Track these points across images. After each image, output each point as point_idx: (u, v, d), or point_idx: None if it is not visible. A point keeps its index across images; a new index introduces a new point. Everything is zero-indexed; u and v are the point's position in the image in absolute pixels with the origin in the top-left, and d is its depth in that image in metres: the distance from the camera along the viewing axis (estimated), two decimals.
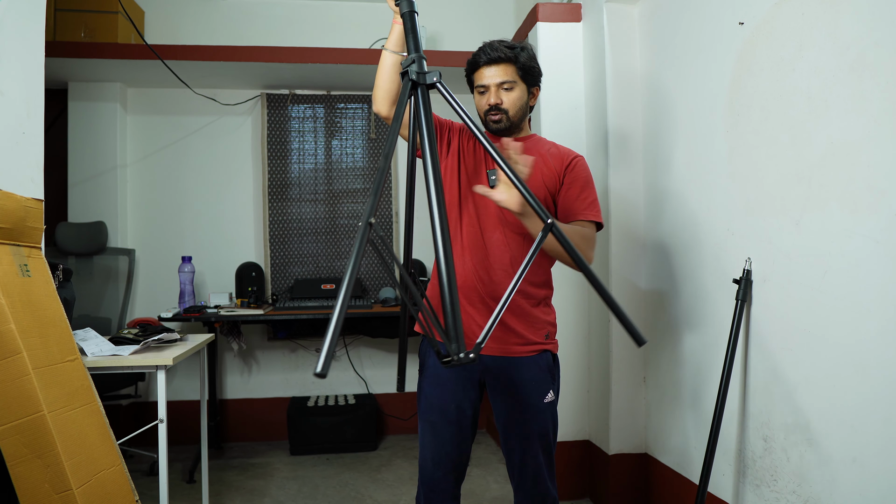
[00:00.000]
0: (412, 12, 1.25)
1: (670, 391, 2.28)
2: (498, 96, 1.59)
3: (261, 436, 3.60)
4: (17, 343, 1.29)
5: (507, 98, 1.59)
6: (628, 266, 2.48)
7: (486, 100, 1.60)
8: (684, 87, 2.16)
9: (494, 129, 1.62)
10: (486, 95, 1.60)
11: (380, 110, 1.61)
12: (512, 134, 1.65)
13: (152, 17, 3.56)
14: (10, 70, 1.66)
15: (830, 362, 1.49)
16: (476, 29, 3.65)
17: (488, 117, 1.61)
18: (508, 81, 1.58)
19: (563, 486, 2.65)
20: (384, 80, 1.57)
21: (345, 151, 3.71)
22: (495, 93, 1.59)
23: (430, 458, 1.61)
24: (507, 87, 1.59)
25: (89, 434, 1.43)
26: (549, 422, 1.63)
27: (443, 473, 1.59)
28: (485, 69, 1.59)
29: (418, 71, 1.09)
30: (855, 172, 1.41)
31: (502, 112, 1.59)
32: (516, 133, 1.66)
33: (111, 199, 3.42)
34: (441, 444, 1.58)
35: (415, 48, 1.15)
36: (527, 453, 1.59)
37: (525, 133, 1.69)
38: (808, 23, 1.55)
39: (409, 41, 1.18)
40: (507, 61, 1.58)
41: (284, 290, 3.57)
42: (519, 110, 1.62)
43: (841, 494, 1.45)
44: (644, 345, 1.18)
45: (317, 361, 0.70)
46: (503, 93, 1.59)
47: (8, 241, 1.41)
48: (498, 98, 1.59)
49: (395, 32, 1.53)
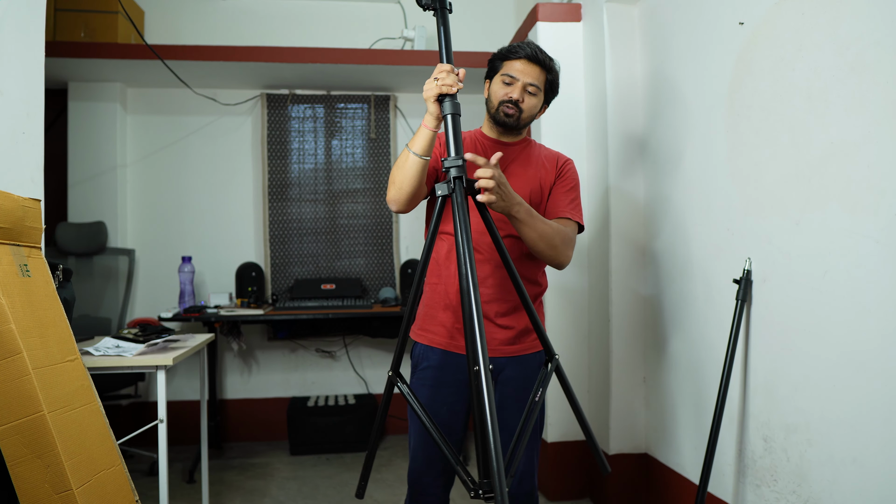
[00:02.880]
0: (456, 115, 1.30)
1: (670, 391, 2.28)
2: (521, 94, 1.59)
3: (261, 436, 3.60)
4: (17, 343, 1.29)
5: (528, 101, 1.60)
6: (628, 266, 2.48)
7: (508, 91, 1.60)
8: (684, 87, 2.15)
9: (503, 120, 1.62)
10: (512, 87, 1.59)
11: (399, 210, 1.53)
12: (512, 134, 1.66)
13: (152, 17, 3.56)
14: (10, 70, 1.66)
15: (830, 362, 1.49)
16: (476, 29, 3.65)
17: (502, 107, 1.61)
18: (535, 86, 1.60)
19: (563, 486, 2.66)
20: (408, 184, 1.47)
21: (345, 151, 3.71)
22: (520, 90, 1.59)
23: (420, 461, 1.60)
24: (531, 90, 1.60)
25: (89, 434, 1.43)
26: (538, 421, 1.65)
27: (432, 478, 1.59)
28: (520, 63, 1.59)
29: (459, 176, 1.23)
30: (855, 172, 1.41)
31: (518, 110, 1.60)
32: (515, 135, 1.67)
33: (111, 199, 3.42)
34: (431, 446, 1.57)
35: (455, 151, 1.26)
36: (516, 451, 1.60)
37: (521, 137, 1.70)
38: (808, 23, 1.54)
39: (450, 144, 1.27)
40: (543, 67, 1.60)
41: (284, 290, 3.57)
42: (530, 117, 1.64)
43: (841, 494, 1.45)
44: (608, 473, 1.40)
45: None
46: (526, 94, 1.60)
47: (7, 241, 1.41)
48: (521, 96, 1.59)
49: (424, 137, 1.42)
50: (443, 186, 1.24)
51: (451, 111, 1.29)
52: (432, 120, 1.39)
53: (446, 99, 1.31)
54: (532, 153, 1.67)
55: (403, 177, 1.47)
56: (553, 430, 2.64)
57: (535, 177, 1.63)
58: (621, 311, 2.47)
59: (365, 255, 3.70)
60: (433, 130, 1.40)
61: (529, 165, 1.64)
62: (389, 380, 1.34)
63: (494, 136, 1.67)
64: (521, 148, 1.67)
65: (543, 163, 1.66)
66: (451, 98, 1.30)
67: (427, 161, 1.45)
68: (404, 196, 1.49)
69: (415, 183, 1.47)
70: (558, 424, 2.65)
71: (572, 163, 1.71)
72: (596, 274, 2.63)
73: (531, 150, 1.69)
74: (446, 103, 1.30)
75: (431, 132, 1.40)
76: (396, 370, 1.33)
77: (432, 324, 1.61)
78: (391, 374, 1.33)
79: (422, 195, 1.56)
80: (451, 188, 1.23)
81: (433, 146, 1.44)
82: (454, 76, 1.32)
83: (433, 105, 1.35)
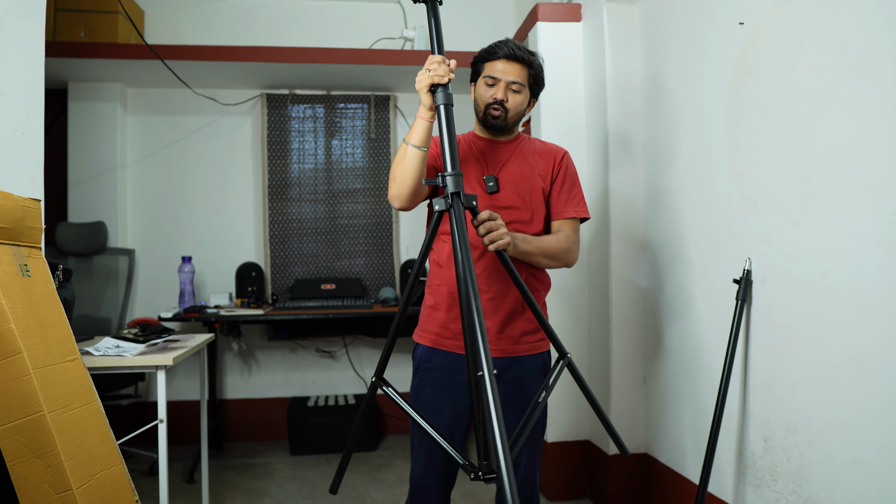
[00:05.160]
0: (449, 105, 1.30)
1: (670, 391, 2.28)
2: (505, 94, 1.59)
3: (261, 436, 3.60)
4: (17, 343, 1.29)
5: (513, 99, 1.61)
6: (628, 266, 2.48)
7: (492, 93, 1.60)
8: (684, 86, 2.15)
9: (492, 123, 1.62)
10: (495, 89, 1.60)
11: (403, 206, 1.53)
12: (504, 133, 1.67)
13: (152, 17, 3.56)
14: (10, 70, 1.66)
15: (830, 362, 1.49)
16: (476, 28, 3.65)
17: (489, 110, 1.61)
18: (518, 83, 1.59)
19: (563, 486, 2.65)
20: (409, 178, 1.47)
21: (345, 151, 3.71)
22: (504, 90, 1.59)
23: (421, 462, 1.60)
24: (515, 88, 1.60)
25: (89, 434, 1.43)
26: (541, 422, 1.66)
27: (433, 479, 1.59)
28: (500, 63, 1.59)
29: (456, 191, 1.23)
30: (855, 172, 1.41)
31: (504, 110, 1.60)
32: (507, 134, 1.68)
33: (111, 199, 3.42)
34: (432, 447, 1.57)
35: (452, 165, 1.25)
36: (520, 453, 1.60)
37: (514, 134, 1.70)
38: (808, 23, 1.54)
39: (447, 155, 1.26)
40: (523, 63, 1.60)
41: (284, 290, 3.57)
42: (518, 114, 1.64)
43: (841, 494, 1.45)
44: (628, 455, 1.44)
45: None
46: (510, 93, 1.60)
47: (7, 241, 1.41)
48: (505, 96, 1.59)
49: (421, 128, 1.43)
50: (440, 201, 1.24)
51: (443, 101, 1.31)
52: (426, 111, 1.41)
53: (438, 89, 1.33)
54: (525, 149, 1.68)
55: (404, 171, 1.47)
56: (553, 430, 2.64)
57: (532, 173, 1.64)
58: (621, 311, 2.47)
59: (365, 255, 3.70)
60: (429, 121, 1.42)
61: (525, 162, 1.65)
62: (372, 385, 1.35)
63: (487, 137, 1.68)
64: (514, 146, 1.68)
65: (539, 157, 1.67)
66: (443, 88, 1.32)
67: (426, 152, 1.46)
68: (406, 191, 1.49)
69: (416, 176, 1.47)
70: (558, 424, 2.65)
71: (568, 154, 1.72)
72: (596, 274, 2.63)
73: (525, 145, 1.69)
74: (438, 93, 1.32)
75: (427, 122, 1.43)
76: (380, 375, 1.34)
77: (434, 325, 1.62)
78: (374, 380, 1.35)
79: (424, 192, 1.56)
80: (448, 203, 1.24)
81: (430, 137, 1.45)
82: (445, 66, 1.34)
83: (426, 96, 1.37)
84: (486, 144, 1.66)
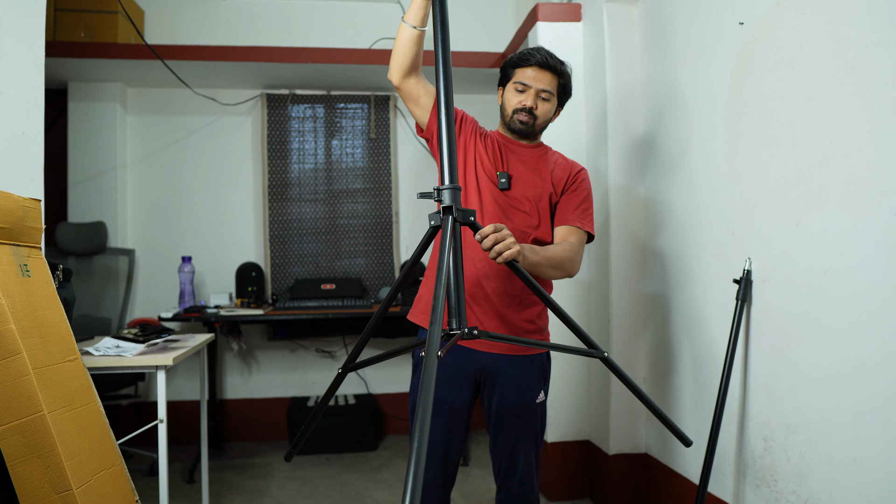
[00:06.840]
0: (449, 106, 1.22)
1: (670, 391, 2.28)
2: (535, 101, 1.60)
3: (261, 436, 3.60)
4: (17, 343, 1.29)
5: (542, 107, 1.61)
6: (628, 266, 2.48)
7: (521, 99, 1.61)
8: (684, 87, 2.15)
9: (518, 128, 1.63)
10: (524, 95, 1.60)
11: (392, 79, 1.57)
12: (529, 139, 1.68)
13: (152, 17, 3.56)
14: (10, 70, 1.66)
15: (830, 362, 1.49)
16: (476, 28, 3.65)
17: (516, 116, 1.62)
18: (548, 91, 1.60)
19: (563, 486, 2.65)
20: (401, 54, 1.53)
21: (345, 151, 3.71)
22: (534, 97, 1.60)
23: None
24: (545, 96, 1.61)
25: (89, 434, 1.43)
26: (539, 422, 1.65)
27: (433, 476, 1.59)
28: (531, 70, 1.60)
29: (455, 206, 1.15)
30: (855, 172, 1.41)
31: (532, 117, 1.61)
32: (532, 140, 1.69)
33: (111, 199, 3.42)
34: (432, 446, 1.57)
35: (451, 181, 1.18)
36: (517, 453, 1.60)
37: (537, 141, 1.72)
38: (808, 23, 1.55)
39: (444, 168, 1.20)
40: (554, 72, 1.61)
41: (284, 290, 3.57)
42: (545, 122, 1.65)
43: (841, 494, 1.45)
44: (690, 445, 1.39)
45: None
46: (540, 100, 1.61)
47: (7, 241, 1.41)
48: (534, 103, 1.60)
49: (418, 5, 1.45)
50: (436, 216, 1.17)
51: None
52: None
53: None
54: (548, 158, 1.69)
55: (399, 48, 1.53)
56: (553, 431, 2.64)
57: (548, 182, 1.64)
58: (621, 311, 2.47)
59: (365, 255, 3.70)
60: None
61: (545, 170, 1.65)
62: (338, 376, 1.33)
63: (511, 138, 1.68)
64: (538, 153, 1.68)
65: (557, 168, 1.67)
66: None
67: (423, 32, 1.48)
68: (397, 64, 1.54)
69: (411, 54, 1.52)
70: (558, 424, 2.65)
71: (586, 172, 1.71)
72: (596, 274, 2.63)
73: (547, 155, 1.70)
74: None
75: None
76: (347, 368, 1.31)
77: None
78: (340, 371, 1.32)
79: (419, 66, 1.58)
80: (441, 219, 1.15)
81: (427, 15, 1.46)
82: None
83: None
84: (508, 143, 1.67)
